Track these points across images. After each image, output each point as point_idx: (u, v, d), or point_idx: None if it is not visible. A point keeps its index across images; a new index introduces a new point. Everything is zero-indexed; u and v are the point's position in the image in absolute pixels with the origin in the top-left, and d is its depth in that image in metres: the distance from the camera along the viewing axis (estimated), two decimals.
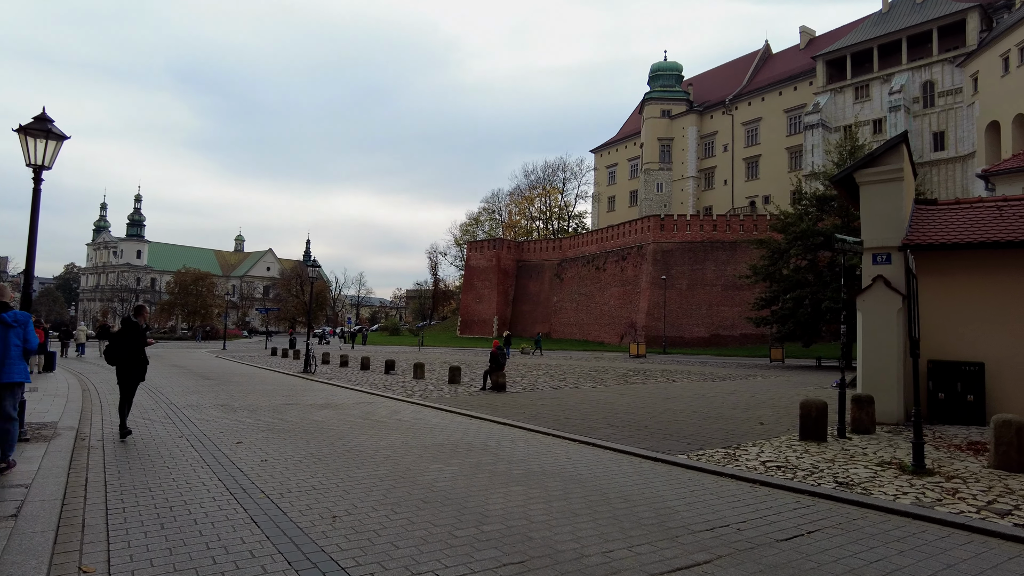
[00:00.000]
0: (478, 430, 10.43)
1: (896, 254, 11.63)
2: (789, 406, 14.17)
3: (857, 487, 6.67)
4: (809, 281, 31.14)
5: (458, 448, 8.73)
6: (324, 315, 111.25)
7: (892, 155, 11.88)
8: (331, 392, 16.63)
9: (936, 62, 54.77)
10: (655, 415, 12.38)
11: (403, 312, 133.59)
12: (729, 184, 71.12)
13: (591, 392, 17.11)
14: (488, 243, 75.13)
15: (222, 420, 11.03)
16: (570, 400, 14.92)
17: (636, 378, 22.65)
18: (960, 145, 52.34)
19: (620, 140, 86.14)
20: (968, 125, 52.12)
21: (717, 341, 51.84)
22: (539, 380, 20.98)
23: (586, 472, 7.34)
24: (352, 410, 12.82)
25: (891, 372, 11.14)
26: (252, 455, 8.00)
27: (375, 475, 6.99)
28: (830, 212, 31.92)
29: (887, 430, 10.51)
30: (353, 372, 24.11)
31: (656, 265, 54.73)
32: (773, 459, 8.13)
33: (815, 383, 21.56)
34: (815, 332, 32.94)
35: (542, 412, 12.62)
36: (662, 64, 79.64)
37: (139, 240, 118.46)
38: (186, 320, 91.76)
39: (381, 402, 14.43)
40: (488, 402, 14.40)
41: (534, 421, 11.35)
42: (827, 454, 8.47)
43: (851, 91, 60.42)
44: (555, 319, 67.41)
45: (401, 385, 18.42)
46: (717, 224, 55.15)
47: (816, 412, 9.34)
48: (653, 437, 9.74)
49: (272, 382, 19.63)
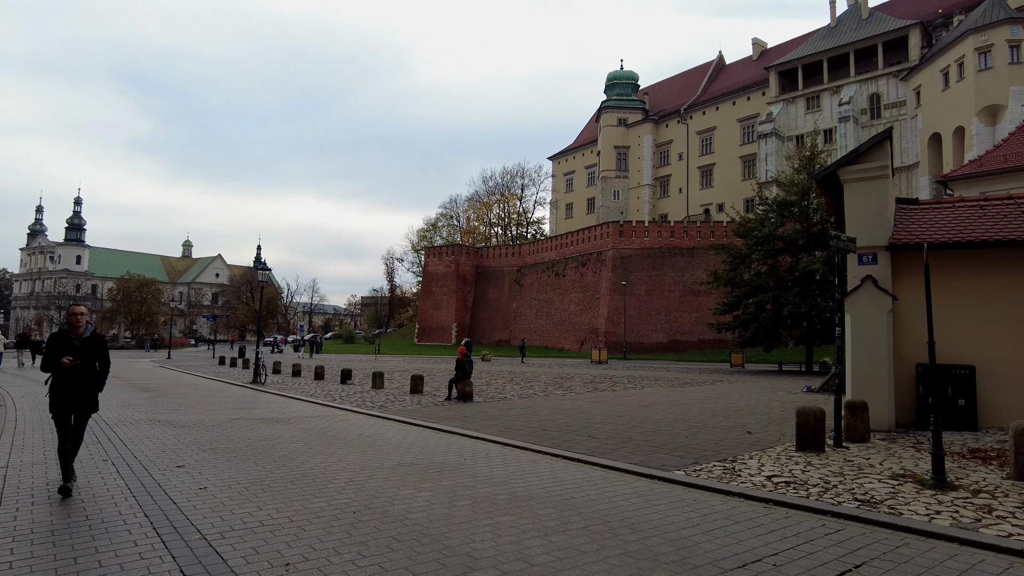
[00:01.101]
0: (449, 446, 9.46)
1: (883, 254, 11.20)
2: (769, 413, 13.65)
3: (882, 506, 6.00)
4: (770, 286, 31.17)
5: (430, 468, 7.75)
6: (275, 323, 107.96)
7: (877, 152, 11.47)
8: (283, 404, 15.36)
9: (882, 75, 56.47)
10: (636, 425, 11.62)
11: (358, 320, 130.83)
12: (684, 192, 71.81)
13: (563, 400, 16.29)
14: (447, 249, 73.95)
15: (158, 438, 9.76)
16: (543, 410, 14.07)
17: (604, 384, 21.98)
18: (905, 156, 53.87)
19: (577, 148, 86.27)
20: (912, 136, 53.76)
21: (676, 347, 51.90)
22: (506, 388, 20.08)
23: (580, 495, 6.46)
24: (306, 425, 11.66)
25: (881, 377, 10.66)
26: (189, 482, 6.85)
27: (335, 505, 5.96)
28: (790, 217, 32.09)
29: (880, 437, 10.00)
30: (306, 382, 22.74)
31: (616, 271, 54.57)
32: (778, 473, 7.42)
33: (784, 388, 21.28)
34: (776, 337, 33.00)
35: (515, 424, 11.73)
36: (618, 73, 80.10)
37: (79, 245, 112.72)
38: (130, 328, 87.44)
39: (338, 415, 13.29)
40: (455, 413, 13.42)
41: (509, 434, 10.44)
42: (832, 466, 7.82)
43: (803, 101, 61.74)
44: (515, 325, 66.64)
45: (359, 396, 17.25)
46: (675, 231, 55.39)
47: (814, 421, 8.72)
48: (641, 450, 8.95)
49: (218, 394, 18.18)
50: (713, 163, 68.97)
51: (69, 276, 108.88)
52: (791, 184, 31.88)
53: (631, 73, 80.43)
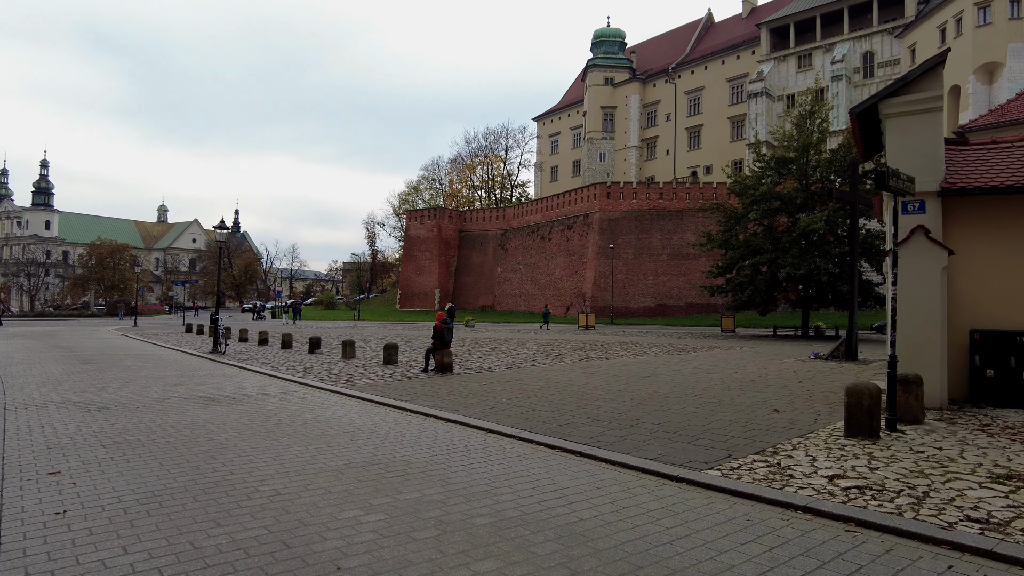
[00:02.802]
0: (419, 434, 7.70)
1: (932, 201, 9.47)
2: (787, 384, 12.07)
3: (1012, 531, 4.34)
4: (766, 248, 29.59)
5: (389, 470, 5.98)
6: (255, 288, 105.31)
7: (929, 80, 9.66)
8: (235, 378, 13.51)
9: (876, 32, 54.59)
10: (642, 401, 9.94)
11: (340, 286, 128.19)
12: (672, 154, 69.86)
13: (553, 371, 14.57)
14: (429, 212, 71.51)
15: (56, 428, 7.88)
16: (532, 383, 12.33)
17: (596, 352, 20.33)
18: None
19: (563, 108, 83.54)
20: None
21: (663, 311, 50.57)
22: (490, 357, 18.33)
23: (590, 515, 4.71)
24: (252, 405, 9.86)
25: (932, 346, 9.04)
26: (50, 499, 5.01)
27: (243, 539, 4.17)
28: (788, 175, 30.38)
29: (935, 417, 8.42)
30: (272, 352, 20.84)
31: (602, 234, 52.77)
32: (840, 473, 5.76)
33: (788, 354, 19.79)
34: (771, 301, 31.61)
35: (501, 402, 9.99)
36: (605, 31, 77.21)
37: (47, 209, 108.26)
38: (103, 295, 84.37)
39: (294, 392, 11.47)
40: (432, 388, 11.65)
41: (493, 416, 8.70)
42: (903, 461, 6.18)
43: (794, 60, 59.64)
44: (499, 291, 64.89)
45: (326, 368, 15.41)
46: (664, 192, 53.51)
47: (869, 401, 7.06)
48: (656, 438, 7.26)
49: (169, 366, 16.26)
50: (701, 124, 66.97)
51: (38, 242, 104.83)
52: (790, 140, 30.08)
53: (618, 31, 77.59)
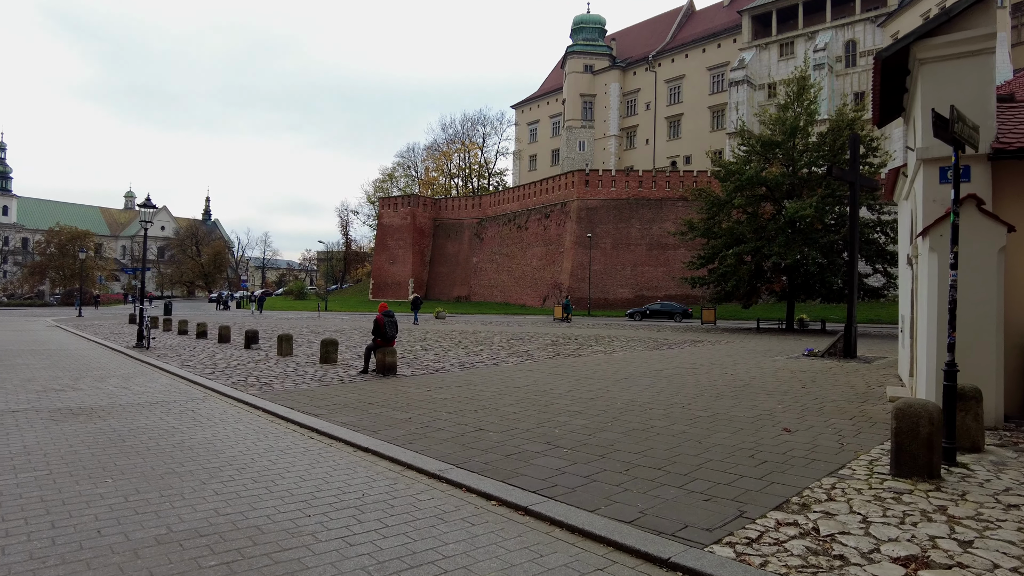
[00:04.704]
0: (306, 471, 5.57)
1: (980, 166, 7.58)
2: (788, 390, 10.18)
3: None
4: (750, 237, 27.84)
5: (219, 547, 3.81)
6: (224, 277, 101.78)
7: (979, 15, 7.73)
8: (134, 380, 11.26)
9: (859, 21, 53.54)
10: (617, 415, 7.94)
11: (314, 275, 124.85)
12: (651, 144, 68.28)
13: (515, 372, 12.49)
14: (402, 199, 68.91)
15: None
16: (486, 388, 10.27)
17: (568, 347, 18.34)
18: None
19: (542, 96, 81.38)
20: None
21: (642, 302, 48.82)
22: (448, 354, 16.20)
23: None
24: (118, 421, 7.64)
25: (984, 349, 7.15)
26: None
27: None
28: (774, 160, 28.71)
29: (995, 441, 6.54)
30: (205, 346, 18.51)
31: (580, 223, 50.83)
32: (915, 550, 3.78)
33: (778, 350, 17.98)
34: (755, 292, 29.95)
35: (440, 417, 7.92)
36: (585, 17, 75.27)
37: (5, 194, 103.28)
38: (63, 284, 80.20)
39: (190, 400, 9.28)
40: (360, 396, 9.52)
41: (422, 441, 6.62)
42: (1001, 524, 4.22)
43: (776, 48, 58.31)
44: (475, 281, 62.74)
45: (250, 367, 13.19)
46: (643, 180, 51.68)
47: (928, 429, 5.11)
48: (634, 478, 5.22)
49: (68, 364, 13.95)
50: (681, 113, 65.44)
51: None
52: (776, 123, 28.36)
53: (598, 17, 75.67)
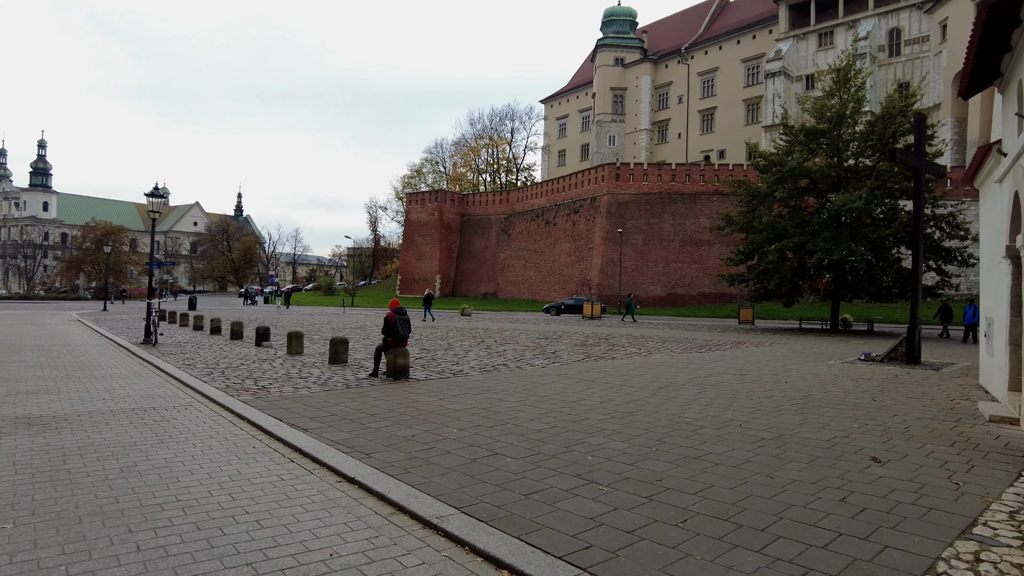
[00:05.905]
0: (268, 513, 4.66)
1: None
2: (858, 402, 9.35)
3: None
4: (792, 232, 26.99)
5: None
6: (255, 273, 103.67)
7: None
8: (121, 381, 11.22)
9: (904, 8, 51.91)
10: (662, 437, 7.01)
11: (344, 271, 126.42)
12: (684, 138, 67.37)
13: (541, 378, 11.73)
14: (429, 195, 69.25)
15: None
16: (507, 399, 9.49)
17: (599, 349, 17.98)
18: (925, 97, 49.61)
19: (571, 90, 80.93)
20: (935, 75, 49.36)
21: (674, 301, 48.36)
22: (468, 354, 15.85)
23: None
24: (73, 434, 7.13)
25: None
26: None
27: None
28: (819, 151, 27.95)
29: None
30: (215, 343, 18.57)
31: (610, 218, 50.44)
32: None
33: (828, 353, 17.21)
34: (797, 290, 29.15)
35: (449, 435, 7.09)
36: (616, 9, 74.53)
37: (45, 190, 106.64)
38: (97, 279, 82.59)
39: (172, 407, 8.89)
40: (361, 406, 8.75)
41: (422, 469, 5.72)
42: None
43: (814, 38, 56.99)
44: (502, 278, 62.79)
45: (254, 367, 12.94)
46: (676, 174, 50.95)
47: None
48: (694, 536, 4.15)
49: (63, 360, 14.13)
50: (715, 107, 64.42)
51: (36, 224, 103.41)
52: (821, 110, 27.53)
53: (629, 9, 74.87)
